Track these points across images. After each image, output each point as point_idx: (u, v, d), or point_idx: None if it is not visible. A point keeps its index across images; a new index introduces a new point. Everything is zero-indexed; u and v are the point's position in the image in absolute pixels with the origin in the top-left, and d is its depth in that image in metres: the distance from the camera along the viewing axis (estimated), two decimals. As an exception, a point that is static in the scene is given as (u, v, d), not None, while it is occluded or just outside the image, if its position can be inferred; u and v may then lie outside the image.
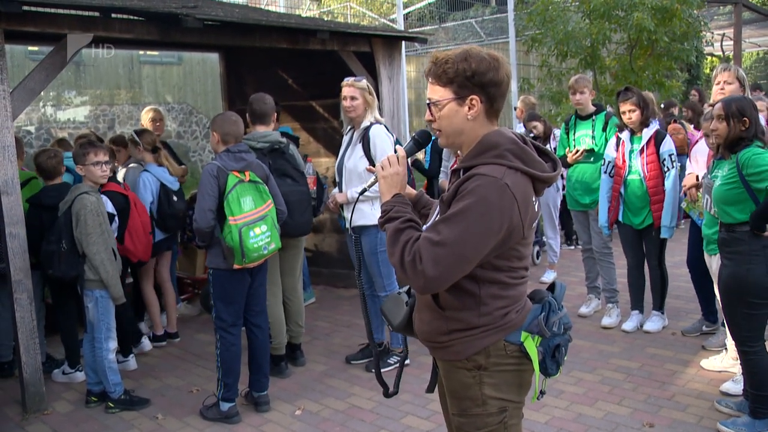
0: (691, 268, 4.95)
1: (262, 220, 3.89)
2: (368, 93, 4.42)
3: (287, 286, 4.78)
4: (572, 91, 5.44)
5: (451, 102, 1.99)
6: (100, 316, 4.17)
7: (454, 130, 2.03)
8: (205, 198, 3.82)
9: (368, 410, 4.09)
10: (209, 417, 4.05)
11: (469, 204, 1.86)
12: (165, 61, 16.33)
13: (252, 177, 3.94)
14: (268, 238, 3.92)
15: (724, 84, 4.47)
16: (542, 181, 1.99)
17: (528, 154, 1.98)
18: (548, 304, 2.08)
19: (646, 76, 9.21)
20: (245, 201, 3.84)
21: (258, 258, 3.90)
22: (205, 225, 3.82)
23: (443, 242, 1.85)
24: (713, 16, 13.60)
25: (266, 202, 3.96)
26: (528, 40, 9.99)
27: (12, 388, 4.61)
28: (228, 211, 3.79)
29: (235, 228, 3.78)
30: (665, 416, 3.80)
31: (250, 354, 4.18)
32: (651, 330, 5.04)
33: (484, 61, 1.96)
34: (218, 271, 3.95)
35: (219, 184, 3.82)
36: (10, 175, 4.02)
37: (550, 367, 2.06)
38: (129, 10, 4.35)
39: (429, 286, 1.90)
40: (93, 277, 4.11)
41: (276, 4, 12.99)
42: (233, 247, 3.79)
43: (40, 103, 14.22)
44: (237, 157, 3.94)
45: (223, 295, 3.98)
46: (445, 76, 1.98)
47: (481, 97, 1.98)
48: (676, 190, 4.80)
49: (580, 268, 5.97)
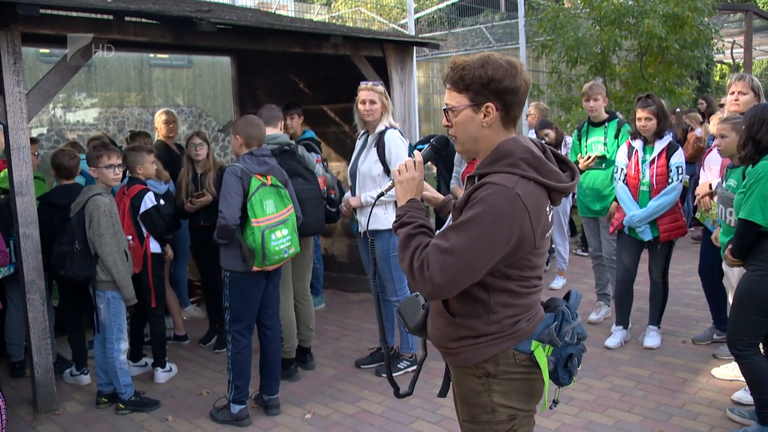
0: (702, 276, 4.92)
1: (284, 224, 3.92)
2: (386, 98, 4.45)
3: (298, 290, 4.79)
4: (586, 98, 5.44)
5: (467, 108, 1.99)
6: (112, 317, 4.19)
7: (469, 137, 2.02)
8: (232, 196, 3.83)
9: (378, 414, 4.09)
10: (219, 419, 4.05)
11: (479, 212, 1.85)
12: (175, 64, 16.38)
13: (274, 181, 3.96)
14: (289, 242, 3.94)
15: (738, 94, 4.44)
16: (558, 191, 1.98)
17: (544, 163, 1.96)
18: (562, 314, 2.06)
19: (657, 83, 9.18)
20: (267, 204, 3.86)
21: (278, 261, 3.92)
22: (233, 221, 3.83)
23: (451, 250, 1.85)
24: (723, 24, 13.56)
25: (287, 206, 3.99)
26: (538, 46, 9.98)
27: (23, 388, 4.63)
28: (251, 213, 3.81)
29: (258, 230, 3.79)
30: (676, 424, 3.78)
31: (262, 357, 4.19)
32: (652, 346, 4.90)
33: (501, 68, 1.95)
34: (235, 273, 3.96)
35: (243, 185, 3.85)
36: (24, 176, 4.05)
37: (563, 376, 2.05)
38: (144, 13, 4.38)
39: (436, 292, 1.90)
40: (105, 278, 4.13)
41: (286, 8, 13.03)
42: (255, 248, 3.80)
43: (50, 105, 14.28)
44: (260, 160, 3.97)
45: (239, 298, 3.99)
46: (462, 82, 1.98)
47: (497, 104, 1.96)
48: (669, 201, 4.62)
49: (590, 275, 5.96)
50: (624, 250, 4.97)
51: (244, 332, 4.02)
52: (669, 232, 4.72)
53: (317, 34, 5.44)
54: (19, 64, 3.95)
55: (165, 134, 6.02)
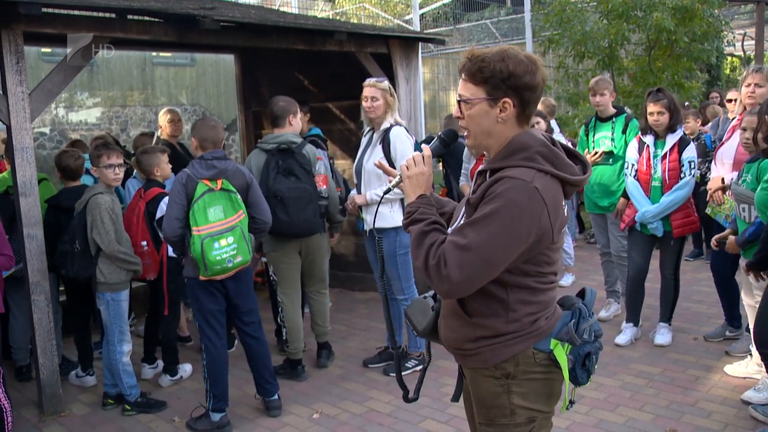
0: (715, 272, 4.85)
1: (230, 232, 3.72)
2: (389, 94, 4.38)
3: (310, 287, 4.78)
4: (592, 93, 5.37)
5: (483, 102, 1.93)
6: (112, 319, 4.16)
7: (482, 131, 1.96)
8: (171, 206, 3.74)
9: (386, 414, 4.06)
10: (199, 428, 3.93)
11: (498, 207, 1.80)
12: (178, 63, 16.36)
13: (225, 185, 3.77)
14: (234, 251, 3.73)
15: (754, 87, 4.35)
16: (572, 184, 1.94)
17: (559, 157, 1.92)
18: (578, 311, 2.01)
19: (665, 77, 9.09)
20: (213, 211, 3.70)
21: (222, 271, 3.74)
22: (172, 234, 3.74)
23: (469, 246, 1.80)
24: (734, 15, 13.43)
25: (237, 212, 3.79)
26: (545, 40, 9.91)
27: (29, 390, 4.61)
28: (192, 221, 3.67)
29: (198, 239, 3.65)
30: (688, 422, 3.73)
31: (249, 362, 4.13)
32: (663, 343, 4.85)
33: (522, 63, 1.89)
34: (191, 280, 3.89)
35: (187, 192, 3.72)
36: (28, 176, 4.02)
37: (581, 375, 2.00)
38: (147, 11, 4.34)
39: (454, 290, 1.85)
40: (103, 279, 4.10)
41: (289, 5, 12.98)
42: (196, 258, 3.69)
43: (53, 105, 14.29)
44: (209, 164, 3.80)
45: (197, 306, 3.92)
46: (480, 75, 1.91)
47: (514, 100, 1.91)
48: (682, 196, 4.58)
49: (599, 272, 5.90)
50: (635, 246, 4.90)
51: (213, 340, 3.92)
52: (682, 228, 4.67)
53: (322, 30, 5.39)
54: (21, 64, 3.92)
55: (169, 133, 5.98)
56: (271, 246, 4.54)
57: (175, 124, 5.99)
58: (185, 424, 4.03)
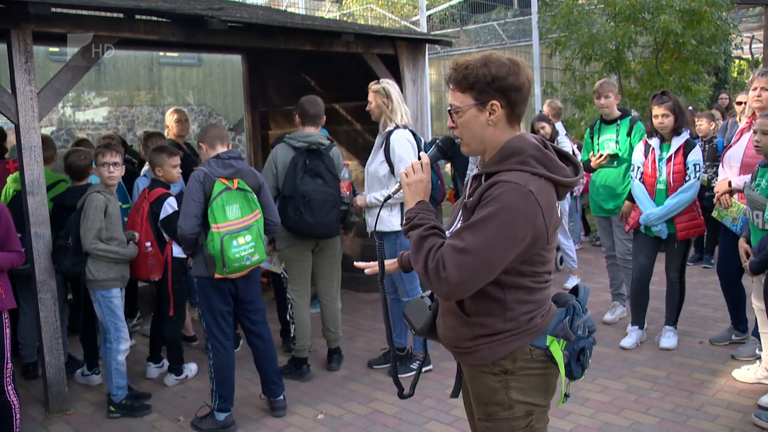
0: (721, 276, 4.83)
1: (247, 230, 3.77)
2: (384, 96, 4.37)
3: (322, 290, 4.77)
4: (597, 96, 5.37)
5: (472, 108, 1.99)
6: (106, 316, 4.18)
7: (475, 137, 2.03)
8: (189, 203, 3.75)
9: (390, 415, 4.06)
10: (204, 428, 3.95)
11: (494, 211, 1.86)
12: (185, 63, 16.41)
13: (241, 185, 3.82)
14: (252, 249, 3.79)
15: (761, 90, 4.34)
16: (565, 186, 2.00)
17: (551, 159, 1.98)
18: (572, 308, 2.09)
19: (673, 80, 9.06)
20: (231, 209, 3.74)
21: (240, 269, 3.79)
22: (189, 231, 3.75)
23: (467, 249, 1.86)
24: (742, 18, 13.38)
25: (254, 211, 3.84)
26: (552, 43, 9.90)
27: (35, 388, 4.64)
28: (212, 219, 3.70)
29: (218, 236, 3.68)
30: (694, 426, 3.72)
31: (255, 363, 4.14)
32: (669, 347, 4.83)
33: (504, 66, 1.96)
34: (201, 279, 3.89)
35: (204, 190, 3.74)
36: (36, 175, 4.04)
37: (575, 370, 2.07)
38: (155, 11, 4.35)
39: (453, 292, 1.90)
40: (92, 277, 4.11)
41: (296, 6, 13.00)
42: (215, 255, 3.70)
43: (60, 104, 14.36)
44: (226, 163, 3.84)
45: (207, 305, 3.92)
46: (466, 82, 1.98)
47: (502, 101, 1.97)
48: (686, 199, 4.56)
49: (604, 274, 5.89)
50: (640, 249, 4.89)
51: (221, 339, 3.93)
52: (687, 231, 4.65)
53: (329, 31, 5.40)
54: (30, 63, 3.94)
55: (176, 133, 6.00)
56: (286, 243, 4.54)
57: (182, 124, 6.01)
58: (190, 424, 4.04)
